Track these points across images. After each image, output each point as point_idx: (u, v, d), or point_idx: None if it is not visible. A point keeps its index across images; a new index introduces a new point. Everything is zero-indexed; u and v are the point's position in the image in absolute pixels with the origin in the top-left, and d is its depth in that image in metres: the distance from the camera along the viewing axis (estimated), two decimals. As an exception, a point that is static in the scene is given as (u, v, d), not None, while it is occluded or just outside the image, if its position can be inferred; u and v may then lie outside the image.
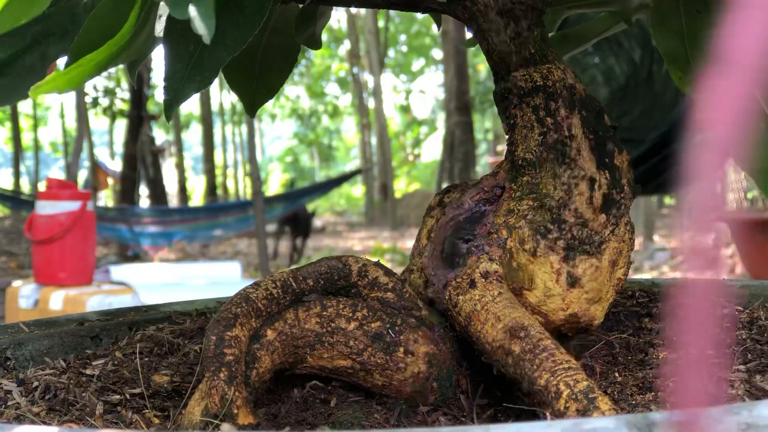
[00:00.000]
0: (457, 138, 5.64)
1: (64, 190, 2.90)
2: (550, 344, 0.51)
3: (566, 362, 0.49)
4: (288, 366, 0.62)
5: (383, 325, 0.60)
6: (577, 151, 0.59)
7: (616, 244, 0.60)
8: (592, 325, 0.61)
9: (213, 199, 13.48)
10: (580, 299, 0.59)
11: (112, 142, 18.34)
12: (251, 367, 0.59)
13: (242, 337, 0.58)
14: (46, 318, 0.87)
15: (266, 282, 0.62)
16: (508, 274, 0.60)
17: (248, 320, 0.59)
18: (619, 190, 0.60)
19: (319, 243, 10.92)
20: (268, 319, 0.61)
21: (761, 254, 3.56)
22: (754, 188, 6.33)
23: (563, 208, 0.60)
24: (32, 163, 15.32)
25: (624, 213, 0.61)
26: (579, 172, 0.60)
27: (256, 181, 4.46)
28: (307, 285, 0.62)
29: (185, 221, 7.55)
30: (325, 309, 0.62)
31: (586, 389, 0.46)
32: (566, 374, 0.48)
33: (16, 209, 7.61)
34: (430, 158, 22.83)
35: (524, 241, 0.60)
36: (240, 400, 0.56)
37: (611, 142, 0.60)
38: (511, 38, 0.61)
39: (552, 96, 0.60)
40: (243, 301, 0.60)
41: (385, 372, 0.60)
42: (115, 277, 3.10)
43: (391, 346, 0.60)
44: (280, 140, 32.54)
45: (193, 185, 23.51)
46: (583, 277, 0.59)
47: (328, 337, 0.61)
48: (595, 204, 0.60)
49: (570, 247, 0.59)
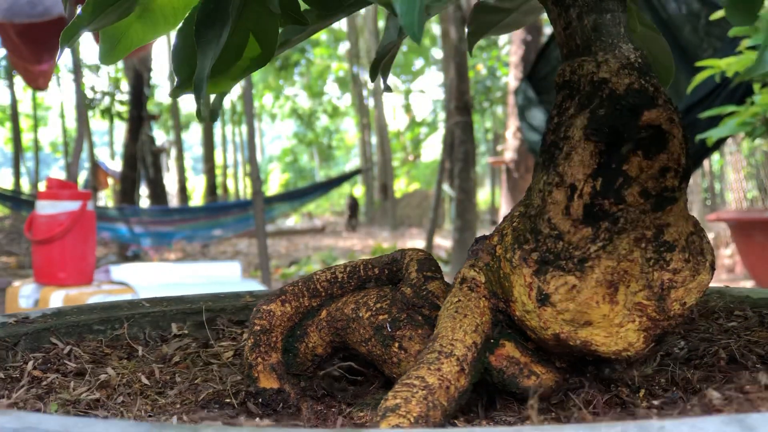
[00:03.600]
0: (457, 138, 5.63)
1: (64, 190, 2.90)
2: (432, 357, 0.51)
3: (416, 377, 0.49)
4: (339, 344, 0.64)
5: (387, 318, 0.61)
6: (566, 155, 0.53)
7: (612, 263, 0.52)
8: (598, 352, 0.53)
9: (213, 199, 13.47)
10: (557, 320, 0.53)
11: (112, 142, 18.33)
12: (301, 340, 0.64)
13: (278, 311, 0.63)
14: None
15: (338, 266, 0.66)
16: (497, 283, 0.56)
17: (297, 298, 0.64)
18: (615, 200, 0.52)
19: (319, 243, 10.92)
20: (328, 300, 0.65)
21: (761, 254, 3.56)
22: (754, 188, 6.33)
23: (539, 218, 0.54)
24: (32, 163, 15.31)
25: (625, 228, 0.52)
26: (554, 178, 0.54)
27: (256, 181, 4.46)
28: (373, 273, 0.66)
29: (185, 221, 7.55)
30: (362, 297, 0.64)
31: (393, 406, 0.46)
32: (400, 388, 0.48)
33: (17, 209, 7.60)
34: (430, 158, 22.81)
35: (507, 249, 0.56)
36: (262, 365, 0.62)
37: (634, 143, 0.52)
38: (563, 28, 0.57)
39: (572, 92, 0.56)
40: (302, 281, 0.66)
41: (384, 364, 0.61)
42: (115, 277, 3.10)
43: (387, 339, 0.60)
44: (279, 140, 32.51)
45: (193, 185, 23.49)
46: (553, 296, 0.52)
47: (352, 323, 0.63)
48: (573, 215, 0.53)
49: (544, 260, 0.53)
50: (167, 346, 0.79)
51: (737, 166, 6.47)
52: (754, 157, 6.26)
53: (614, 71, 0.54)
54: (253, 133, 4.45)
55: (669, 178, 0.53)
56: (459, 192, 5.56)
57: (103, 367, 0.71)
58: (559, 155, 0.54)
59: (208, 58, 0.55)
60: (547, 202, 0.54)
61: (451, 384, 0.50)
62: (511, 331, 0.56)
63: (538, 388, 0.54)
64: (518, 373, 0.55)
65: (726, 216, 4.36)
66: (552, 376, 0.55)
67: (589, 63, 0.55)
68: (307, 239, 12.07)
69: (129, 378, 0.68)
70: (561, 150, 0.54)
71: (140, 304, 0.90)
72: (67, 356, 0.74)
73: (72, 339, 0.80)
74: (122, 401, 0.61)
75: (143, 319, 0.86)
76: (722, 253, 6.17)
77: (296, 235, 13.22)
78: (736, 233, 3.87)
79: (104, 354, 0.76)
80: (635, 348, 0.53)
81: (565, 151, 0.54)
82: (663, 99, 0.54)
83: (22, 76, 6.27)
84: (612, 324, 0.53)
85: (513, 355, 0.55)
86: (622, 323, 0.53)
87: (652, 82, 0.54)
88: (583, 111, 0.54)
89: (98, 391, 0.63)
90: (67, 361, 0.72)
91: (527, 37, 6.42)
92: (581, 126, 0.54)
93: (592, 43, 0.56)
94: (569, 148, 0.54)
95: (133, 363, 0.73)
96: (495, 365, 0.55)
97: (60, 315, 0.85)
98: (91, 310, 0.87)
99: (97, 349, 0.78)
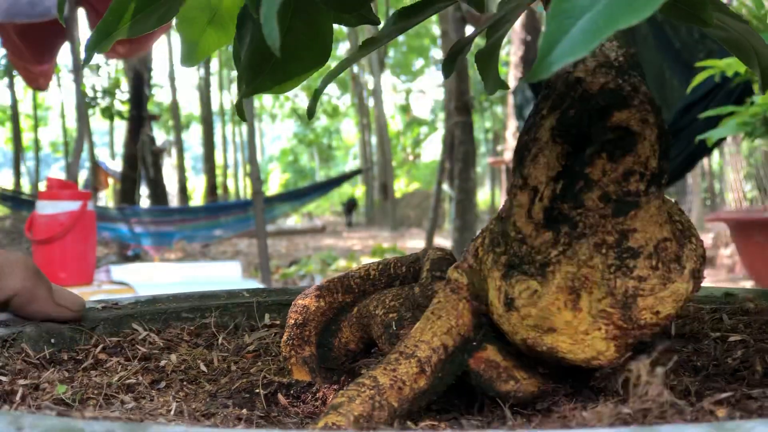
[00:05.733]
0: (457, 138, 5.63)
1: (65, 190, 2.90)
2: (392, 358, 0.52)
3: (369, 377, 0.49)
4: (368, 340, 0.66)
5: (395, 317, 0.61)
6: (533, 157, 0.52)
7: (572, 269, 0.50)
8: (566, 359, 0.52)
9: (213, 199, 13.48)
10: (523, 325, 0.52)
11: (113, 142, 18.33)
12: (335, 335, 0.66)
13: (312, 306, 0.65)
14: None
15: (371, 264, 0.68)
16: (479, 285, 0.56)
17: (331, 294, 0.66)
18: (574, 204, 0.50)
19: (319, 243, 10.92)
20: (361, 296, 0.67)
21: (761, 254, 3.56)
22: (753, 188, 6.33)
23: (507, 221, 0.53)
24: (33, 163, 15.31)
25: (585, 233, 0.50)
26: (518, 181, 0.52)
27: (256, 181, 4.46)
28: (401, 271, 0.67)
29: (185, 221, 7.56)
30: (384, 295, 0.65)
31: (337, 404, 0.47)
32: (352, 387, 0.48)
33: (17, 209, 7.61)
34: (430, 158, 22.81)
35: (485, 252, 0.55)
36: (295, 359, 0.64)
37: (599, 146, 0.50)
38: None
39: (549, 92, 0.54)
40: (338, 277, 0.67)
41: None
42: (115, 277, 3.10)
43: (393, 338, 0.60)
44: (279, 140, 32.51)
45: (193, 185, 23.48)
46: (517, 300, 0.51)
47: (371, 320, 0.64)
48: (535, 218, 0.51)
49: (511, 264, 0.52)
50: (249, 336, 0.78)
51: (737, 166, 6.47)
52: (753, 157, 6.26)
53: (590, 70, 0.52)
54: (253, 133, 4.46)
55: (633, 182, 0.50)
56: (459, 192, 5.56)
57: (170, 354, 0.70)
58: (527, 157, 0.53)
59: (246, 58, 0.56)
60: (513, 206, 0.53)
61: (405, 385, 0.50)
62: (495, 334, 0.55)
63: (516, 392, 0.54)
64: (495, 377, 0.54)
65: (725, 216, 4.37)
66: (534, 382, 0.54)
67: None
68: (307, 239, 12.07)
69: (189, 365, 0.68)
70: (529, 152, 0.53)
71: (240, 294, 0.89)
72: (142, 342, 0.73)
73: (156, 326, 0.78)
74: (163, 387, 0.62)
75: (237, 308, 0.84)
76: (722, 253, 6.17)
77: (296, 235, 13.22)
78: (735, 233, 3.88)
79: (181, 341, 0.75)
80: (606, 357, 0.52)
81: (532, 153, 0.53)
82: (639, 99, 0.52)
83: (23, 76, 6.27)
84: (577, 331, 0.51)
85: (493, 359, 0.54)
86: (587, 330, 0.51)
87: (630, 82, 0.52)
88: (554, 112, 0.53)
89: (143, 376, 0.63)
90: (139, 347, 0.71)
91: (527, 37, 6.42)
92: (549, 127, 0.52)
93: None
94: (537, 150, 0.52)
95: (200, 350, 0.72)
96: (473, 368, 0.54)
97: (152, 302, 0.83)
98: (186, 298, 0.86)
99: (177, 336, 0.76)
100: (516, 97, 4.85)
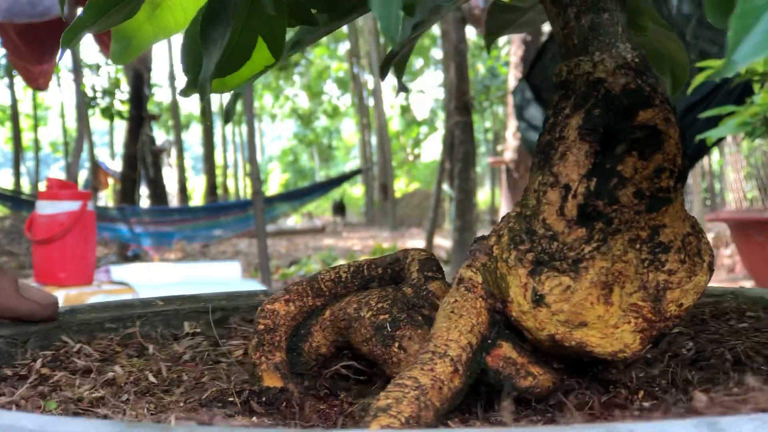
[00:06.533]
0: (457, 138, 5.63)
1: (64, 190, 2.90)
2: (426, 358, 0.51)
3: (409, 377, 0.48)
4: (343, 344, 0.64)
5: (387, 318, 0.61)
6: (561, 155, 0.53)
7: (606, 264, 0.52)
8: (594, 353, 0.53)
9: (213, 199, 13.48)
10: (552, 320, 0.53)
11: (113, 142, 18.33)
12: (305, 340, 0.65)
13: (282, 311, 0.64)
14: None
15: (342, 266, 0.66)
16: (494, 283, 0.56)
17: (301, 297, 0.65)
18: (610, 201, 0.52)
19: (319, 243, 10.92)
20: (332, 300, 0.66)
21: (761, 254, 3.56)
22: (753, 188, 6.33)
23: (534, 218, 0.54)
24: (32, 163, 15.32)
25: (620, 229, 0.52)
26: (549, 178, 0.54)
27: (256, 181, 4.46)
28: (376, 273, 0.66)
29: (185, 221, 7.55)
30: (365, 297, 0.63)
31: (384, 407, 0.46)
32: (392, 388, 0.47)
33: (17, 209, 7.61)
34: (430, 158, 22.82)
35: (503, 249, 0.55)
36: (266, 365, 0.63)
37: (629, 144, 0.52)
38: (561, 28, 0.57)
39: (568, 92, 0.55)
40: (306, 281, 0.66)
41: (385, 364, 0.61)
42: (115, 277, 3.10)
43: (387, 339, 0.60)
44: (279, 140, 32.52)
45: (193, 185, 23.49)
46: (548, 296, 0.52)
47: (354, 323, 0.62)
48: (568, 216, 0.53)
49: (539, 261, 0.53)
50: (178, 344, 0.79)
51: (737, 166, 6.48)
52: (754, 157, 6.26)
53: (610, 71, 0.54)
54: (253, 133, 4.45)
55: (664, 178, 0.53)
56: (459, 192, 5.56)
57: (112, 365, 0.71)
58: (554, 155, 0.54)
59: (213, 59, 0.55)
60: (542, 203, 0.54)
61: (444, 384, 0.50)
62: (508, 331, 0.56)
63: (534, 388, 0.54)
64: (515, 373, 0.54)
65: (725, 216, 4.37)
66: (549, 377, 0.55)
67: (585, 63, 0.55)
68: (307, 239, 12.07)
69: (136, 376, 0.68)
70: (556, 150, 0.54)
71: (154, 302, 0.90)
72: (77, 354, 0.74)
73: (83, 337, 0.79)
74: (126, 399, 0.61)
75: (156, 317, 0.86)
76: (722, 253, 6.17)
77: (296, 235, 13.22)
78: (735, 233, 3.88)
79: (114, 352, 0.76)
80: (631, 349, 0.53)
81: (560, 152, 0.54)
82: (659, 99, 0.53)
83: (22, 76, 6.27)
84: (607, 325, 0.53)
85: (510, 356, 0.55)
86: (617, 324, 0.53)
87: (648, 82, 0.54)
88: (578, 111, 0.54)
89: (103, 389, 0.63)
90: (76, 359, 0.72)
91: (527, 37, 6.41)
92: (576, 126, 0.54)
93: (590, 42, 0.55)
94: (564, 148, 0.54)
95: (141, 361, 0.73)
96: (491, 366, 0.54)
97: (72, 313, 0.85)
98: (104, 308, 0.87)
99: (108, 347, 0.77)
100: (516, 97, 4.85)
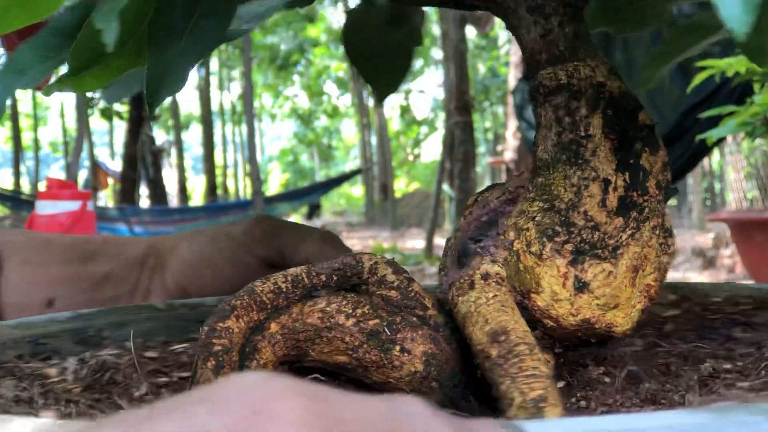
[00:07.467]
0: (457, 138, 5.63)
1: (64, 190, 2.90)
2: (525, 349, 0.51)
3: (532, 369, 0.48)
4: (294, 358, 0.62)
5: (381, 322, 0.60)
6: (593, 152, 0.58)
7: (638, 249, 0.58)
8: (612, 332, 0.59)
9: (213, 199, 13.50)
10: (591, 305, 0.58)
11: (112, 142, 18.35)
12: (252, 357, 0.60)
13: (236, 328, 0.60)
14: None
15: (276, 276, 0.62)
16: (515, 277, 0.59)
17: (248, 312, 0.61)
18: (642, 192, 0.58)
19: (319, 243, 10.88)
20: (274, 312, 0.62)
21: (761, 254, 3.57)
22: (754, 188, 6.33)
23: (572, 211, 0.59)
24: (32, 163, 15.34)
25: (648, 217, 0.59)
26: (590, 173, 0.58)
27: (256, 180, 4.47)
28: (319, 280, 0.63)
29: (185, 221, 7.56)
30: (330, 305, 0.62)
31: (537, 398, 0.45)
32: (525, 381, 0.47)
33: (16, 209, 7.62)
34: (430, 158, 22.86)
35: (531, 243, 0.58)
36: None
37: (640, 141, 0.58)
38: (541, 35, 0.60)
39: (575, 94, 0.59)
40: (246, 294, 0.61)
41: (381, 369, 0.60)
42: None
43: (386, 343, 0.60)
44: (279, 140, 32.57)
45: (193, 185, 23.52)
46: (592, 282, 0.57)
47: (327, 333, 0.61)
48: (609, 207, 0.58)
49: (579, 251, 0.58)
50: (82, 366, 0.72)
51: (737, 166, 6.48)
52: (754, 157, 6.27)
53: (606, 75, 0.59)
54: (253, 133, 4.46)
55: (667, 172, 0.59)
56: (459, 192, 5.56)
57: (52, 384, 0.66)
58: (585, 152, 0.59)
59: None
60: (583, 196, 0.58)
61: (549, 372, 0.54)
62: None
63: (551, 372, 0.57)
64: None
65: (725, 216, 4.37)
66: (554, 363, 0.58)
67: (584, 67, 0.60)
68: (307, 239, 12.02)
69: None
70: (586, 147, 0.59)
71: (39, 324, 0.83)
72: None
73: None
74: None
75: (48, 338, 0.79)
76: (722, 253, 6.18)
77: (296, 235, 13.18)
78: (735, 233, 3.88)
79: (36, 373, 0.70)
80: (631, 327, 0.59)
81: (590, 149, 0.58)
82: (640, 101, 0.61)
83: (22, 76, 6.27)
84: (629, 305, 0.59)
85: None
86: (635, 304, 0.59)
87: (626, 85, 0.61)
88: (595, 111, 0.59)
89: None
90: None
91: (527, 37, 6.41)
92: (599, 125, 0.58)
93: (578, 49, 0.60)
94: (593, 146, 0.58)
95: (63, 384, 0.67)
96: None
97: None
98: None
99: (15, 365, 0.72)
100: (516, 97, 4.85)
